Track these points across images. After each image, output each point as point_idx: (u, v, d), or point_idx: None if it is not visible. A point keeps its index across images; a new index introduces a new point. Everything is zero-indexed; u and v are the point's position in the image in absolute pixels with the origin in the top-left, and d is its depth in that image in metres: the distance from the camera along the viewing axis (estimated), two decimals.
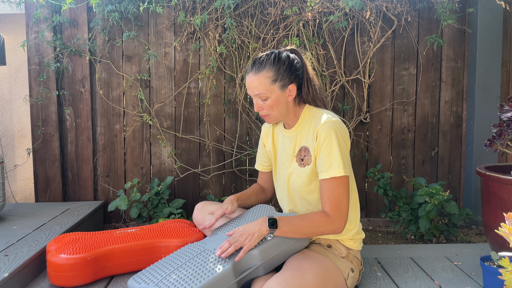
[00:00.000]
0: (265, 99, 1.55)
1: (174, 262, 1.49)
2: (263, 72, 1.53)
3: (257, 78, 1.53)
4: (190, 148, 2.81)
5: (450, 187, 2.86)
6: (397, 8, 2.67)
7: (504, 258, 1.20)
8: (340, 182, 1.47)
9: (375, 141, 2.82)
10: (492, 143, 1.88)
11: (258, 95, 1.55)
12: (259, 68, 1.54)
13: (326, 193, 1.48)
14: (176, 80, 2.78)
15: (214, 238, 1.58)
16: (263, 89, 1.53)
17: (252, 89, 1.55)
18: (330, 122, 1.50)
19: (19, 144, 2.98)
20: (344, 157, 1.49)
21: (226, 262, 1.40)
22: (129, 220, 2.83)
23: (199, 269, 1.40)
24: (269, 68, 1.53)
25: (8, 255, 1.78)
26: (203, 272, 1.37)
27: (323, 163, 1.49)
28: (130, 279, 1.49)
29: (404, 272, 1.84)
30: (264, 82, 1.53)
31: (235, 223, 1.65)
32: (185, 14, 2.70)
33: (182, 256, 1.51)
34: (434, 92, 2.82)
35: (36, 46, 2.72)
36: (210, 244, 1.53)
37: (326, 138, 1.48)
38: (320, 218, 1.45)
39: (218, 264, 1.39)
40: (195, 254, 1.49)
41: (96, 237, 1.87)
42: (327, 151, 1.48)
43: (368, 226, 2.84)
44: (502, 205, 1.76)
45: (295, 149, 1.63)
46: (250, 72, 1.56)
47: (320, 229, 1.46)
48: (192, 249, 1.55)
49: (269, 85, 1.53)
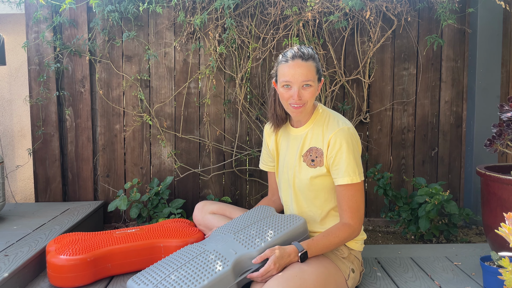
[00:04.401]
0: (308, 87, 1.55)
1: (174, 263, 1.48)
2: (310, 61, 1.55)
3: (307, 66, 1.54)
4: (190, 148, 2.81)
5: (450, 187, 2.86)
6: (397, 8, 2.67)
7: (504, 258, 1.20)
8: (357, 189, 1.52)
9: (375, 141, 2.82)
10: (492, 143, 1.88)
11: (305, 81, 1.54)
12: (307, 58, 1.55)
13: (345, 201, 1.52)
14: (176, 80, 2.78)
15: (214, 239, 1.58)
16: (311, 76, 1.55)
17: (300, 75, 1.54)
18: (345, 129, 1.54)
19: (19, 144, 2.98)
20: (359, 163, 1.54)
21: (225, 264, 1.39)
22: (129, 220, 2.83)
23: (199, 270, 1.39)
24: (313, 60, 1.57)
25: (8, 255, 1.78)
26: (202, 274, 1.37)
27: (339, 170, 1.52)
28: (129, 280, 1.48)
29: (404, 272, 1.84)
30: (312, 70, 1.55)
31: (235, 224, 1.65)
32: (185, 14, 2.70)
33: (182, 257, 1.50)
34: (434, 92, 2.82)
35: (36, 46, 2.72)
36: (210, 245, 1.53)
37: (342, 146, 1.52)
38: (345, 232, 1.51)
39: (218, 265, 1.39)
40: (194, 255, 1.48)
41: (96, 237, 1.87)
42: (343, 158, 1.51)
43: (368, 226, 2.84)
44: (502, 205, 1.76)
45: (303, 148, 1.62)
46: (296, 59, 1.55)
47: (344, 241, 1.53)
48: (192, 250, 1.54)
49: (315, 74, 1.57)
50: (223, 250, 1.47)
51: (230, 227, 1.63)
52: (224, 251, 1.46)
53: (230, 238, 1.54)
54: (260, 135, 2.79)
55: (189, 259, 1.47)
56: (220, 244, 1.51)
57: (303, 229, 1.56)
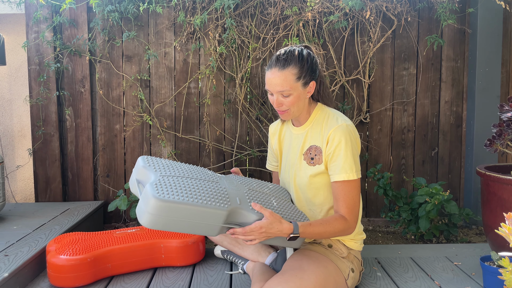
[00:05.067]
0: (287, 96, 1.52)
1: (185, 170, 1.49)
2: (288, 68, 1.50)
3: (282, 75, 1.49)
4: (190, 148, 2.81)
5: (450, 187, 2.86)
6: (397, 8, 2.67)
7: (504, 258, 1.20)
8: (354, 186, 1.50)
9: (375, 141, 2.82)
10: (492, 143, 1.88)
11: (281, 92, 1.51)
12: (284, 65, 1.50)
13: (342, 197, 1.50)
14: (176, 80, 2.78)
15: (229, 180, 1.57)
16: (288, 86, 1.50)
17: (275, 85, 1.51)
18: (344, 126, 1.51)
19: (19, 144, 2.98)
20: (356, 160, 1.52)
21: (226, 204, 1.37)
22: (129, 220, 2.83)
23: (202, 191, 1.38)
24: (295, 65, 1.50)
25: (8, 255, 1.78)
26: (204, 197, 1.35)
27: (336, 166, 1.51)
28: (141, 157, 1.51)
29: (404, 272, 1.84)
30: (289, 79, 1.50)
31: (254, 183, 1.65)
32: (185, 14, 2.70)
33: (195, 171, 1.52)
34: (434, 92, 2.82)
35: (36, 46, 2.72)
36: (223, 182, 1.52)
37: (340, 142, 1.49)
38: (340, 224, 1.47)
39: (220, 201, 1.37)
40: (208, 179, 1.49)
41: (96, 237, 1.87)
42: (340, 154, 1.49)
43: (368, 226, 2.84)
44: (502, 205, 1.76)
45: (303, 147, 1.62)
46: (274, 68, 1.52)
47: (338, 234, 1.49)
48: (207, 173, 1.55)
49: (293, 82, 1.50)
50: (231, 193, 1.46)
51: (248, 182, 1.63)
52: (231, 195, 1.45)
53: (243, 190, 1.53)
54: (260, 135, 2.79)
55: (203, 179, 1.47)
56: (231, 188, 1.50)
57: None
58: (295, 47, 1.57)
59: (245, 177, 1.71)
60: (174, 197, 1.29)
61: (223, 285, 1.74)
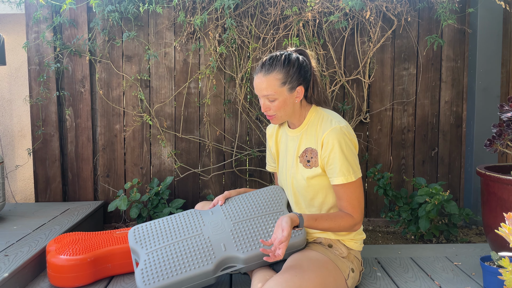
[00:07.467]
0: (272, 101, 1.54)
1: (169, 233, 1.60)
2: (273, 74, 1.51)
3: (267, 80, 1.52)
4: (190, 148, 2.81)
5: (450, 187, 2.86)
6: (397, 8, 2.67)
7: (504, 258, 1.20)
8: (355, 186, 1.52)
9: (375, 141, 2.82)
10: (492, 143, 1.88)
11: (266, 96, 1.53)
12: (269, 70, 1.52)
13: (345, 198, 1.52)
14: (176, 80, 2.78)
15: (214, 221, 1.63)
16: (272, 91, 1.51)
17: (260, 90, 1.54)
18: (337, 128, 1.51)
19: (19, 144, 2.98)
20: (353, 161, 1.52)
21: (211, 260, 1.49)
22: (129, 220, 2.83)
23: (186, 255, 1.51)
24: (279, 70, 1.52)
25: (8, 255, 1.78)
26: (189, 262, 1.49)
27: (333, 170, 1.51)
28: (131, 231, 1.64)
29: (404, 272, 1.84)
30: (273, 84, 1.51)
31: (241, 207, 1.68)
32: (185, 14, 2.70)
33: (179, 228, 1.62)
34: (434, 92, 2.82)
35: (36, 46, 2.72)
36: (207, 229, 1.60)
37: (334, 145, 1.50)
38: (347, 222, 1.50)
39: (203, 260, 1.49)
40: (191, 233, 1.59)
41: (96, 237, 1.87)
42: (336, 158, 1.50)
43: (368, 226, 2.84)
44: (502, 205, 1.76)
45: (299, 149, 1.62)
46: (260, 72, 1.54)
47: (344, 230, 1.53)
48: (191, 223, 1.64)
49: (278, 87, 1.52)
50: (215, 242, 1.56)
51: (233, 210, 1.67)
52: (215, 244, 1.55)
53: (228, 228, 1.60)
54: (260, 135, 2.79)
55: (186, 236, 1.58)
56: (216, 233, 1.58)
57: (301, 243, 1.56)
58: (284, 51, 1.58)
59: (235, 199, 1.74)
60: (160, 280, 1.44)
61: (223, 284, 1.74)
